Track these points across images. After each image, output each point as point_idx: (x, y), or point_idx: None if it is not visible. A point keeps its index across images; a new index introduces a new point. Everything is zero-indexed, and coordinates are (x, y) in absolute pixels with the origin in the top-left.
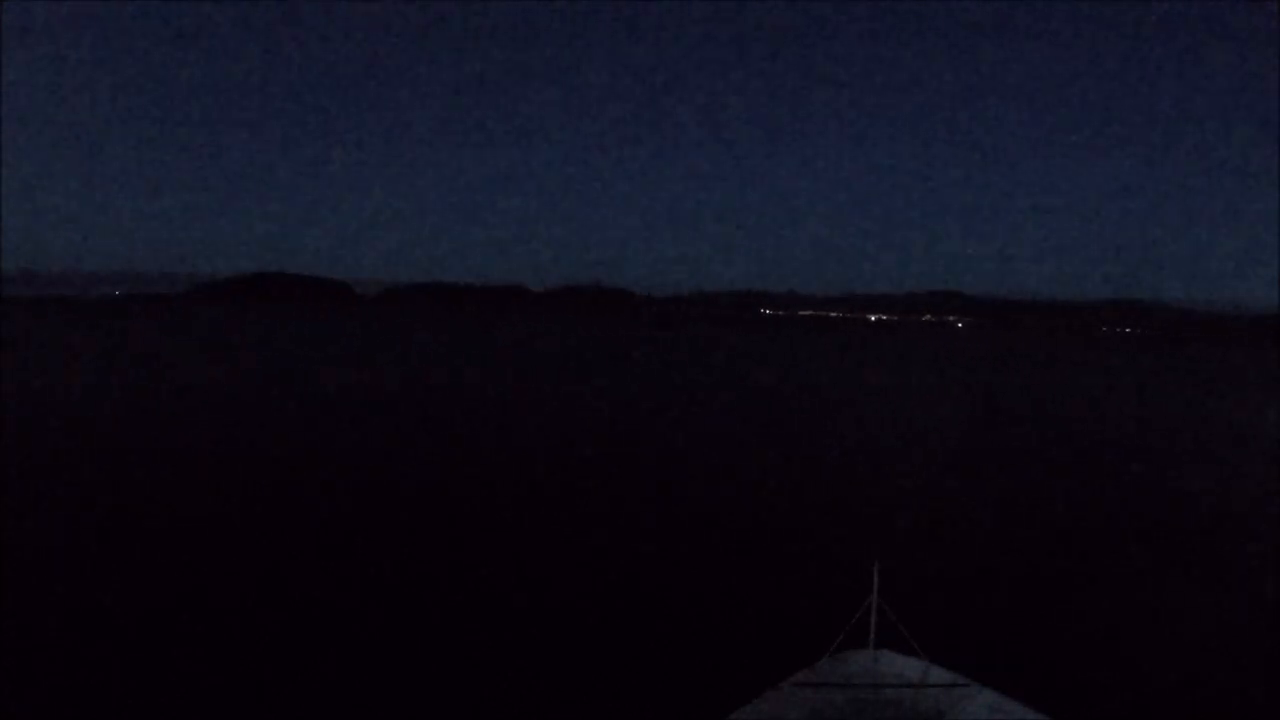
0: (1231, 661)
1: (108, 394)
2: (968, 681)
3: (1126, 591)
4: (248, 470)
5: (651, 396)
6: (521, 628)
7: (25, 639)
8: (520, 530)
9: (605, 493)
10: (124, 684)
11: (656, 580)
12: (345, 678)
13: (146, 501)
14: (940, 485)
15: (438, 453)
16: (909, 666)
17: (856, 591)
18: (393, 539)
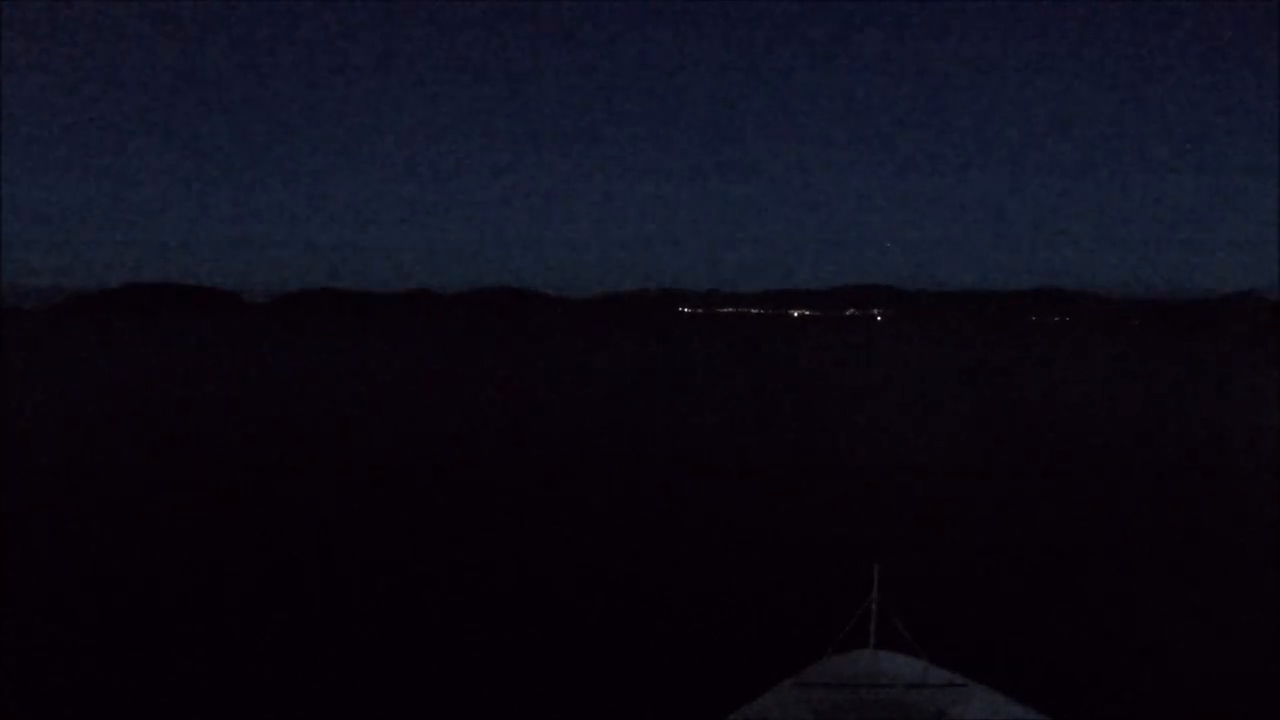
0: (1232, 661)
1: None
2: (967, 681)
3: (1127, 591)
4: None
5: (619, 397)
6: (519, 629)
7: None
8: (516, 531)
9: (601, 494)
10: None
11: (656, 580)
12: (338, 681)
13: None
14: (941, 485)
15: (389, 463)
16: (909, 666)
17: (856, 591)
18: (366, 544)
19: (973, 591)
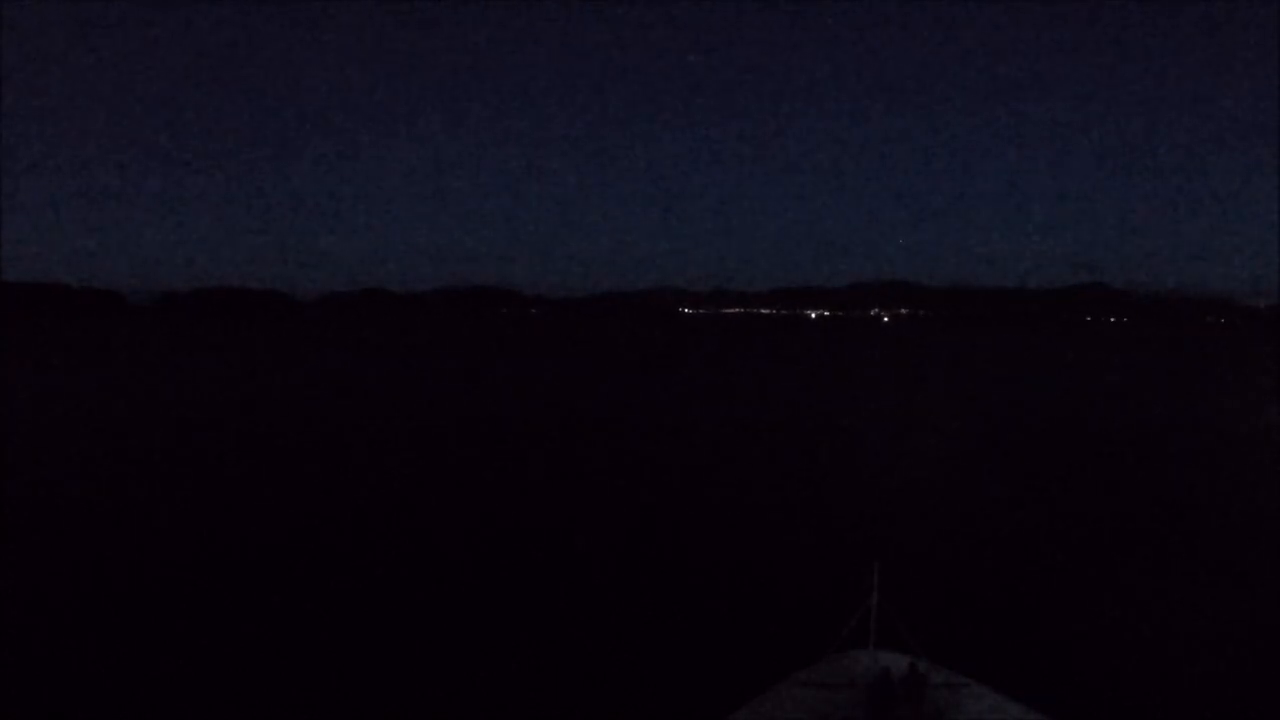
0: (1231, 660)
1: None
2: (967, 681)
3: (1126, 591)
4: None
5: (617, 400)
6: (523, 629)
7: None
8: (517, 533)
9: (603, 495)
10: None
11: (658, 582)
12: (348, 678)
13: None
14: (940, 486)
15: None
16: (909, 666)
17: (856, 591)
18: (380, 547)
19: (973, 591)
